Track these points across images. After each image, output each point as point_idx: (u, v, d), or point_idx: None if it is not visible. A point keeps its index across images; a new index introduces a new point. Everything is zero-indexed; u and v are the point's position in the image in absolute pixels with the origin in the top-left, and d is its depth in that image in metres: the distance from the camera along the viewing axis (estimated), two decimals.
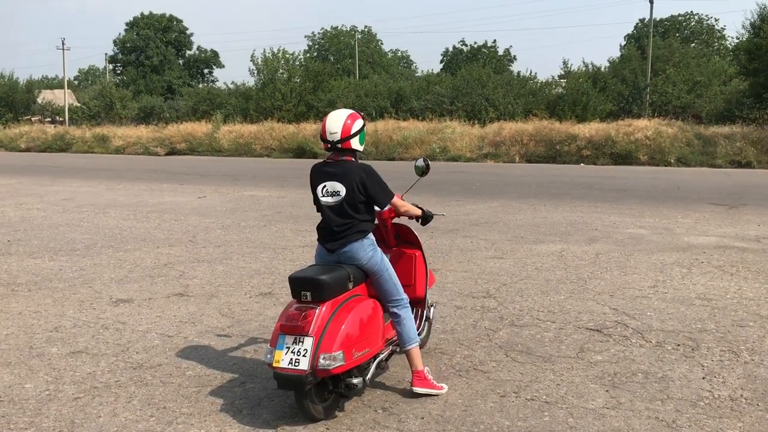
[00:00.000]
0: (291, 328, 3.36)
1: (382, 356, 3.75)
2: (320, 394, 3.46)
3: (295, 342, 3.35)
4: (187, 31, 63.05)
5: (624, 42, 56.18)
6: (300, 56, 43.57)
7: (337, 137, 3.62)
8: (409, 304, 3.83)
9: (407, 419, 3.49)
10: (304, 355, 3.30)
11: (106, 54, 63.87)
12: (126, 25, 61.65)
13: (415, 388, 3.73)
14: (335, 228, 3.67)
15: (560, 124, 24.29)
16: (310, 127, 28.29)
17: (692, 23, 58.48)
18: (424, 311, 4.34)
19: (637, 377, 4.01)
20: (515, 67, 55.82)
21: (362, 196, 3.64)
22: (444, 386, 3.83)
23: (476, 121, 27.39)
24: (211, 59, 64.06)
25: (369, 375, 3.59)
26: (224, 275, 6.69)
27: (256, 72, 39.07)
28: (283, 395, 3.78)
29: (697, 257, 7.32)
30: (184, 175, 18.83)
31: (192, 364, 4.31)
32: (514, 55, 57.40)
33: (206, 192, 14.23)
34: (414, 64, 74.25)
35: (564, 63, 43.36)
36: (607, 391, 3.82)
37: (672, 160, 21.04)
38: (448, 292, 5.97)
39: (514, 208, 11.22)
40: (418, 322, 4.25)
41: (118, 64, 62.59)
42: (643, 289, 6.00)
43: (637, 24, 57.36)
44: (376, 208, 3.80)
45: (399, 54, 73.28)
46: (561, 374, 4.06)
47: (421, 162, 4.24)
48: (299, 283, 3.46)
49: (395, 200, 3.82)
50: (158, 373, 4.15)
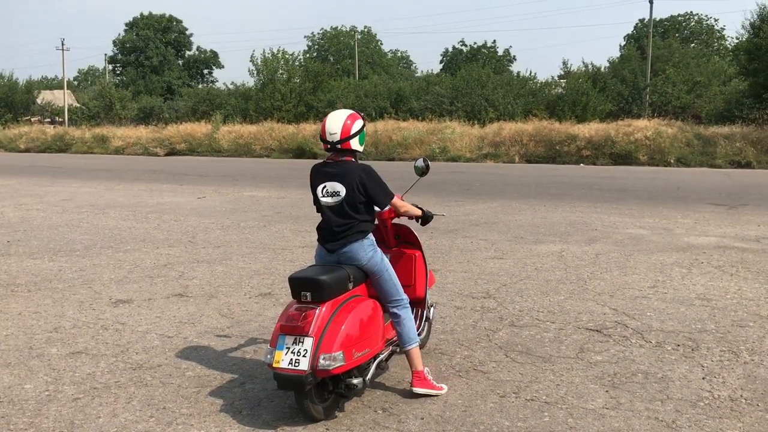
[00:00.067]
0: (291, 328, 3.36)
1: (382, 356, 3.75)
2: (320, 395, 3.46)
3: (295, 342, 3.35)
4: (187, 32, 63.05)
5: (624, 42, 56.20)
6: (299, 56, 43.63)
7: (337, 138, 3.62)
8: (409, 305, 3.83)
9: (407, 420, 3.49)
10: (304, 356, 3.30)
11: (105, 54, 63.87)
12: (125, 25, 61.69)
13: (415, 389, 3.73)
14: (335, 228, 3.67)
15: (560, 124, 24.31)
16: (309, 128, 28.31)
17: (692, 23, 58.52)
18: (424, 311, 4.34)
19: (636, 377, 4.01)
20: (515, 68, 55.91)
21: (362, 196, 3.64)
22: (444, 387, 3.82)
23: (476, 122, 27.41)
24: (210, 60, 64.05)
25: (369, 375, 3.59)
26: (224, 276, 6.69)
27: (255, 72, 39.14)
28: (282, 396, 3.78)
29: (697, 257, 7.33)
30: (183, 175, 18.83)
31: (192, 364, 4.31)
32: (514, 56, 57.45)
33: (206, 192, 14.23)
34: (414, 65, 74.34)
35: (564, 63, 43.46)
36: (607, 391, 3.82)
37: (672, 161, 21.06)
38: (447, 292, 5.97)
39: (513, 209, 11.22)
40: (418, 322, 4.25)
41: (118, 65, 62.58)
42: (643, 290, 6.00)
43: (637, 24, 57.40)
44: (376, 209, 3.80)
45: (399, 54, 73.32)
46: (561, 374, 4.06)
47: (420, 162, 4.25)
48: (299, 284, 3.46)
49: (395, 200, 3.82)
50: (158, 373, 4.15)
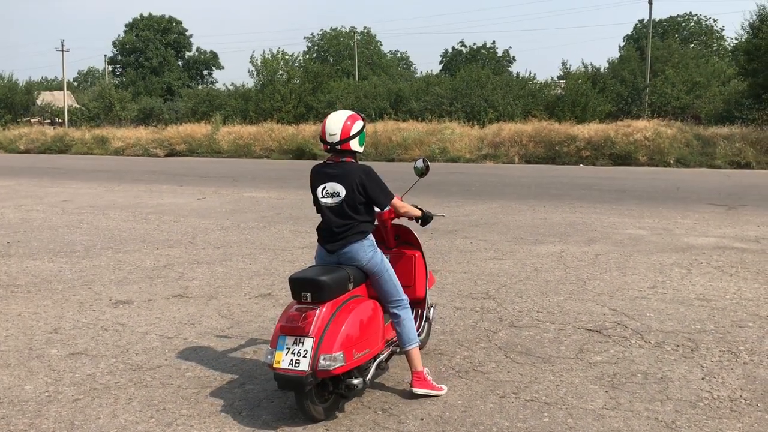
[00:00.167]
0: (291, 329, 3.36)
1: (382, 357, 3.76)
2: (320, 395, 3.46)
3: (295, 343, 3.35)
4: (187, 33, 63.13)
5: (623, 43, 56.23)
6: (299, 57, 43.67)
7: (337, 138, 3.63)
8: (409, 305, 3.84)
9: (407, 420, 3.49)
10: (304, 356, 3.30)
11: (105, 55, 63.92)
12: (125, 26, 61.77)
13: (415, 389, 3.73)
14: (335, 229, 3.67)
15: (559, 125, 24.31)
16: (309, 129, 28.30)
17: (691, 24, 58.58)
18: (424, 312, 4.34)
19: (636, 378, 4.01)
20: (514, 68, 55.94)
21: (362, 197, 3.65)
22: (443, 387, 3.83)
23: (475, 122, 27.42)
24: (210, 60, 64.09)
25: (369, 375, 3.59)
26: (224, 276, 6.69)
27: (255, 73, 39.18)
28: (282, 396, 3.78)
29: (697, 258, 7.33)
30: (183, 176, 18.83)
31: (192, 365, 4.31)
32: (513, 56, 57.54)
33: (206, 193, 14.23)
34: (413, 65, 74.45)
35: (563, 64, 43.33)
36: (607, 391, 3.82)
37: (671, 161, 21.06)
38: (447, 293, 5.97)
39: (513, 209, 11.22)
40: (418, 322, 4.26)
41: (118, 66, 62.62)
42: (643, 290, 6.00)
43: (636, 25, 57.45)
44: (376, 209, 3.81)
45: (398, 55, 73.40)
46: (560, 375, 4.06)
47: (420, 163, 4.25)
48: (299, 284, 3.46)
49: (395, 201, 3.82)
50: (158, 374, 4.15)
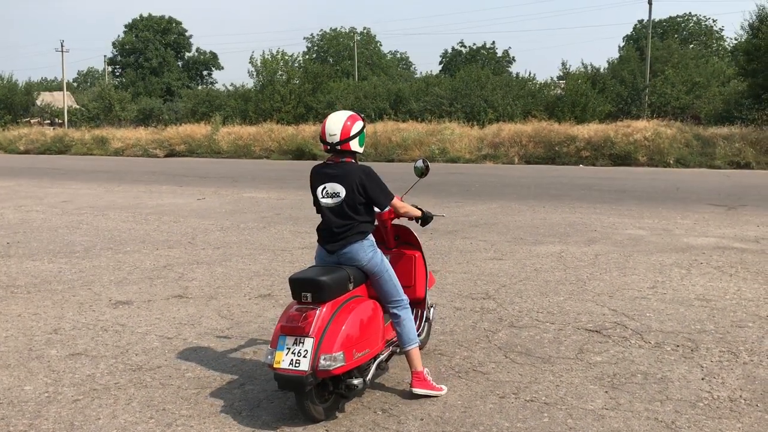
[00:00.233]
0: (291, 329, 3.36)
1: (382, 357, 3.76)
2: (321, 395, 3.46)
3: (295, 343, 3.35)
4: (186, 33, 63.14)
5: (623, 43, 56.26)
6: (299, 58, 43.71)
7: (337, 139, 3.63)
8: (409, 305, 3.84)
9: (406, 420, 3.49)
10: (304, 356, 3.30)
11: (105, 56, 64.01)
12: (125, 27, 61.79)
13: (415, 389, 3.73)
14: (335, 229, 3.67)
15: (559, 125, 24.33)
16: (309, 129, 28.32)
17: (691, 24, 58.61)
18: (424, 312, 4.34)
19: (636, 378, 4.01)
20: (514, 69, 55.94)
21: (362, 197, 3.65)
22: (443, 387, 3.82)
23: (475, 123, 27.44)
24: (210, 61, 64.09)
25: (369, 376, 3.59)
26: (223, 277, 6.69)
27: (255, 74, 39.21)
28: (282, 397, 3.78)
29: (696, 258, 7.33)
30: (183, 176, 18.83)
31: (191, 365, 4.31)
32: (513, 57, 57.54)
33: (205, 194, 14.23)
34: (413, 66, 74.47)
35: (563, 64, 43.39)
36: (607, 392, 3.82)
37: (671, 161, 21.07)
38: (447, 293, 5.97)
39: (513, 210, 11.23)
40: (418, 323, 4.26)
41: (117, 66, 62.64)
42: (643, 290, 6.00)
43: (636, 25, 57.49)
44: (376, 210, 3.81)
45: (398, 55, 73.40)
46: (560, 375, 4.06)
47: (420, 163, 4.25)
48: (299, 284, 3.46)
49: (395, 201, 3.82)
50: (158, 374, 4.15)
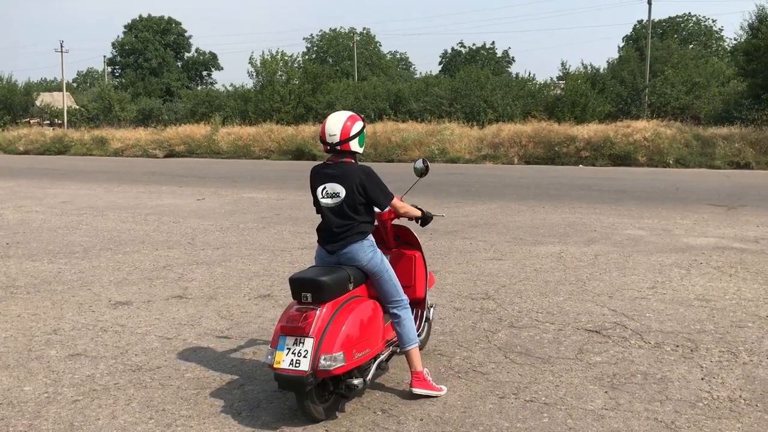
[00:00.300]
0: (292, 329, 3.37)
1: (382, 357, 3.76)
2: (321, 395, 3.46)
3: (295, 343, 3.35)
4: (186, 34, 63.12)
5: (622, 43, 56.27)
6: (298, 58, 43.75)
7: (337, 139, 3.63)
8: (409, 305, 3.84)
9: (406, 421, 3.49)
10: (304, 356, 3.30)
11: (104, 56, 64.02)
12: (124, 27, 61.77)
13: (415, 390, 3.73)
14: (335, 229, 3.67)
15: (559, 125, 24.34)
16: (308, 129, 28.33)
17: (690, 24, 58.64)
18: (424, 312, 4.34)
19: (636, 378, 4.01)
20: (514, 69, 55.95)
21: (362, 197, 3.65)
22: (443, 388, 3.82)
23: (475, 123, 27.45)
24: (209, 61, 64.08)
25: (369, 375, 3.60)
26: (223, 277, 6.69)
27: (254, 74, 39.18)
28: (281, 397, 3.78)
29: (696, 258, 7.33)
30: (182, 177, 18.82)
31: (191, 366, 4.31)
32: (513, 57, 57.62)
33: (205, 194, 14.23)
34: (413, 66, 74.47)
35: (562, 64, 43.37)
36: (606, 392, 3.82)
37: (671, 162, 21.08)
38: (447, 293, 5.97)
39: (512, 210, 11.23)
40: (417, 323, 4.26)
41: (117, 67, 62.63)
42: (642, 291, 6.00)
43: (636, 25, 57.48)
44: (376, 210, 3.81)
45: (398, 56, 73.40)
46: (560, 375, 4.06)
47: (420, 163, 4.26)
48: (300, 285, 3.46)
49: (395, 201, 3.82)
50: (157, 375, 4.15)
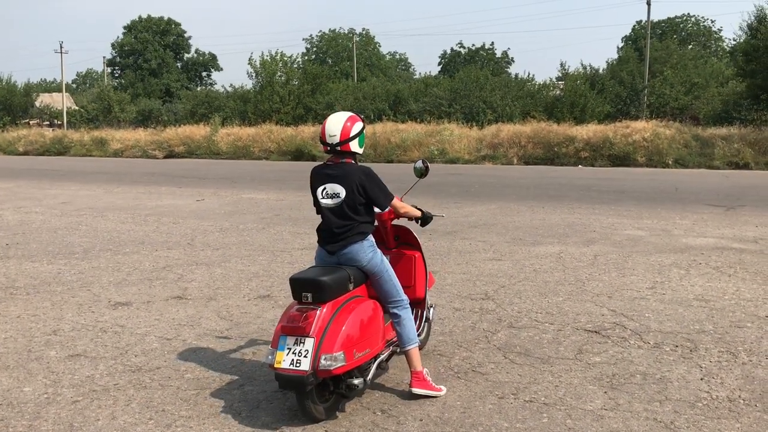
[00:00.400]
0: (292, 329, 3.37)
1: (382, 357, 3.76)
2: (321, 395, 3.47)
3: (296, 343, 3.36)
4: (186, 34, 63.10)
5: (621, 44, 56.32)
6: (298, 59, 43.75)
7: (337, 140, 3.63)
8: (409, 305, 3.84)
9: (406, 421, 3.49)
10: (305, 356, 3.31)
11: (104, 57, 63.94)
12: (124, 28, 61.75)
13: (414, 390, 3.73)
14: (335, 230, 3.68)
15: (558, 126, 24.36)
16: (308, 130, 28.34)
17: (689, 25, 58.70)
18: (424, 312, 4.35)
19: (635, 378, 4.02)
20: (513, 70, 56.01)
21: (362, 198, 3.65)
22: (443, 388, 3.83)
23: (474, 124, 27.47)
24: (209, 62, 64.09)
25: (370, 375, 3.60)
26: (223, 278, 6.69)
27: (254, 75, 39.18)
28: (281, 397, 3.78)
29: (695, 258, 7.34)
30: (182, 178, 18.82)
31: (191, 366, 4.31)
32: (512, 57, 57.62)
33: (204, 195, 14.23)
34: (412, 67, 74.48)
35: (562, 65, 43.50)
36: (606, 392, 3.83)
37: (670, 162, 21.09)
38: (446, 293, 5.97)
39: (512, 210, 11.23)
40: (417, 323, 4.26)
41: (117, 68, 62.61)
42: (642, 291, 6.01)
43: (635, 26, 57.53)
44: (376, 210, 3.81)
45: (397, 56, 73.41)
46: (559, 376, 4.07)
47: (420, 164, 4.26)
48: (300, 285, 3.47)
49: (395, 202, 3.83)
50: (157, 376, 4.15)
